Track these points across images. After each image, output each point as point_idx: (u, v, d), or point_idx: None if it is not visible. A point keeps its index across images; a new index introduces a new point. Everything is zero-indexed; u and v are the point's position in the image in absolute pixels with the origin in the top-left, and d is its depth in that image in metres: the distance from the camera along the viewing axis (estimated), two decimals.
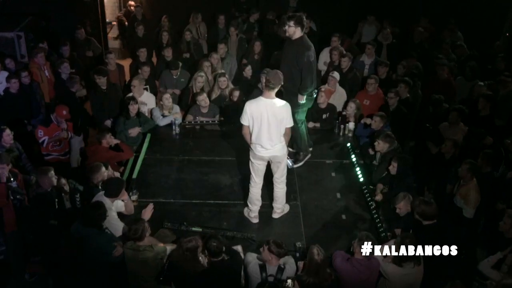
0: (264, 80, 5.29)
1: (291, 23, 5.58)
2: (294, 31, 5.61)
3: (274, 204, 5.68)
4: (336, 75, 7.85)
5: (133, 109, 6.98)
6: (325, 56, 9.00)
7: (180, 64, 8.33)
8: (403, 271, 4.57)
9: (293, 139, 6.20)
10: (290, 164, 5.95)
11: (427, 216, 5.00)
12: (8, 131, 6.14)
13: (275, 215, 5.71)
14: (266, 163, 5.45)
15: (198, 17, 10.32)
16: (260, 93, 7.65)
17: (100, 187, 5.39)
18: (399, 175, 5.78)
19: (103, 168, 5.52)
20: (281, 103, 5.19)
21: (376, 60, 8.93)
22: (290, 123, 5.30)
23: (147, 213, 5.26)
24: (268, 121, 5.13)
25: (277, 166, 5.45)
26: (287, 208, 5.79)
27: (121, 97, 7.73)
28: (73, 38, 9.26)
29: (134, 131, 7.01)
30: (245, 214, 5.73)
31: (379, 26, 10.26)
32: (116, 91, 7.92)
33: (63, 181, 5.60)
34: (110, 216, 5.03)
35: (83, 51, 9.14)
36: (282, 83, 5.23)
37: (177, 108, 7.70)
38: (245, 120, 5.24)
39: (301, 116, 6.17)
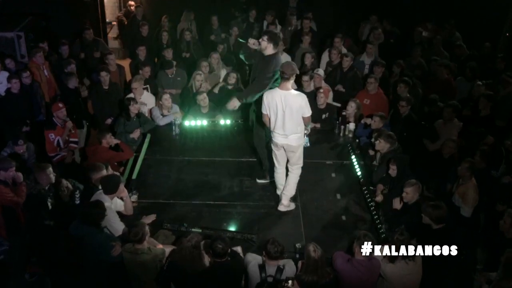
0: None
1: (265, 37, 5.57)
2: (266, 46, 5.57)
3: (283, 192, 5.75)
4: (321, 72, 7.87)
5: (133, 109, 7.01)
6: (327, 56, 8.99)
7: (175, 63, 8.32)
8: (402, 271, 4.57)
9: (260, 156, 6.28)
10: (307, 143, 5.91)
11: (438, 219, 4.95)
12: (23, 146, 6.24)
13: (281, 208, 5.75)
14: (282, 150, 5.59)
15: (191, 15, 10.29)
16: None
17: (100, 188, 5.39)
18: (400, 175, 5.79)
19: (104, 170, 5.51)
20: (296, 93, 5.28)
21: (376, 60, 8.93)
22: (307, 113, 5.35)
23: (147, 220, 5.28)
24: (284, 112, 5.25)
25: (290, 155, 5.59)
26: (292, 206, 5.83)
27: (121, 97, 7.73)
28: (80, 39, 9.26)
29: (136, 134, 7.03)
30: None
31: (381, 26, 10.25)
32: (117, 90, 7.95)
33: (65, 182, 5.60)
34: (110, 215, 5.02)
35: (91, 51, 9.15)
36: (298, 72, 5.33)
37: (176, 108, 7.70)
38: (264, 109, 5.39)
39: (268, 131, 5.90)
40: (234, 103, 5.79)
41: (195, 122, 7.45)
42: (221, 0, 11.24)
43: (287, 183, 5.74)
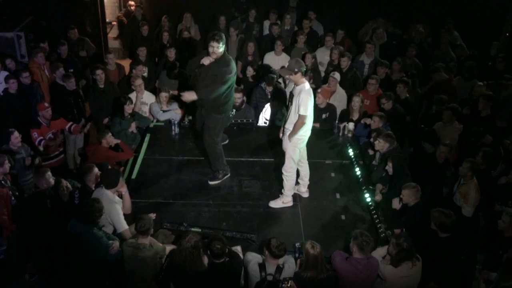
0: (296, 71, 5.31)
1: (214, 43, 5.49)
2: (217, 52, 5.53)
3: (305, 181, 6.00)
4: (337, 75, 7.84)
5: (128, 109, 7.03)
6: (319, 56, 9.01)
7: (178, 64, 8.32)
8: (401, 273, 4.57)
9: (211, 158, 6.23)
10: None
11: (442, 227, 4.93)
12: (16, 133, 6.18)
13: (307, 194, 6.07)
14: None
15: (187, 17, 10.28)
16: (263, 92, 7.72)
17: (93, 189, 5.41)
18: (397, 174, 5.79)
19: (96, 169, 5.53)
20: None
21: (375, 60, 8.94)
22: None
23: None
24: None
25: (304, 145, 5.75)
26: None
27: (118, 96, 7.74)
28: (66, 38, 9.27)
29: (132, 127, 7.07)
30: (279, 205, 5.90)
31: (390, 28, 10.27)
32: (113, 89, 7.94)
33: (64, 182, 5.61)
34: (114, 209, 5.04)
35: (76, 51, 9.14)
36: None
37: (175, 104, 7.70)
38: (308, 110, 5.40)
39: (218, 133, 6.12)
40: (191, 96, 5.62)
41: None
42: (221, 0, 11.23)
43: (308, 173, 5.98)
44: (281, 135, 5.84)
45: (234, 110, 6.34)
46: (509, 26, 10.20)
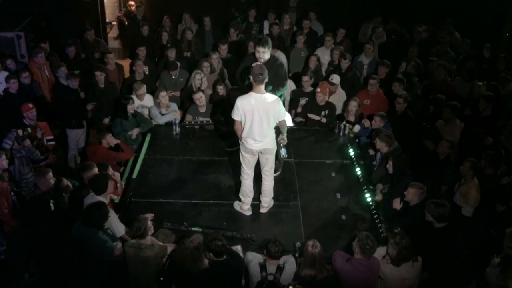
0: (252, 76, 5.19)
1: (260, 48, 5.50)
2: (260, 56, 5.54)
3: (262, 198, 5.74)
4: (337, 79, 7.83)
5: (130, 109, 7.02)
6: (323, 56, 8.97)
7: (179, 64, 8.33)
8: (401, 273, 4.57)
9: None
10: (284, 155, 5.96)
11: (440, 218, 4.95)
12: (3, 156, 5.81)
13: (263, 210, 5.77)
14: (256, 156, 5.52)
15: (186, 18, 10.28)
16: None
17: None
18: (398, 175, 5.79)
19: (96, 169, 5.51)
20: (271, 97, 5.25)
21: (375, 60, 8.94)
22: (283, 116, 5.42)
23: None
24: (260, 116, 5.19)
25: (266, 158, 5.50)
26: (272, 202, 5.84)
27: (118, 96, 7.74)
28: (81, 39, 9.27)
29: (134, 132, 7.04)
30: (237, 208, 5.78)
31: (383, 26, 10.25)
32: (114, 89, 7.96)
33: (65, 182, 5.61)
34: (110, 217, 5.03)
35: (91, 52, 9.15)
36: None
37: (174, 106, 7.69)
38: (237, 115, 5.26)
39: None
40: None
41: (195, 122, 7.43)
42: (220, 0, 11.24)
43: (265, 191, 5.70)
44: None
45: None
46: (509, 26, 10.20)
